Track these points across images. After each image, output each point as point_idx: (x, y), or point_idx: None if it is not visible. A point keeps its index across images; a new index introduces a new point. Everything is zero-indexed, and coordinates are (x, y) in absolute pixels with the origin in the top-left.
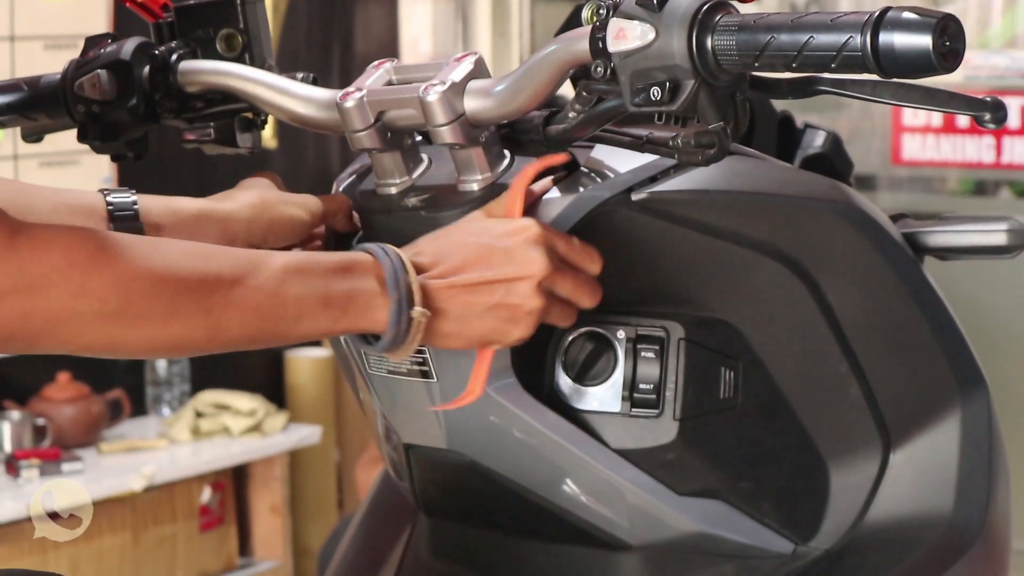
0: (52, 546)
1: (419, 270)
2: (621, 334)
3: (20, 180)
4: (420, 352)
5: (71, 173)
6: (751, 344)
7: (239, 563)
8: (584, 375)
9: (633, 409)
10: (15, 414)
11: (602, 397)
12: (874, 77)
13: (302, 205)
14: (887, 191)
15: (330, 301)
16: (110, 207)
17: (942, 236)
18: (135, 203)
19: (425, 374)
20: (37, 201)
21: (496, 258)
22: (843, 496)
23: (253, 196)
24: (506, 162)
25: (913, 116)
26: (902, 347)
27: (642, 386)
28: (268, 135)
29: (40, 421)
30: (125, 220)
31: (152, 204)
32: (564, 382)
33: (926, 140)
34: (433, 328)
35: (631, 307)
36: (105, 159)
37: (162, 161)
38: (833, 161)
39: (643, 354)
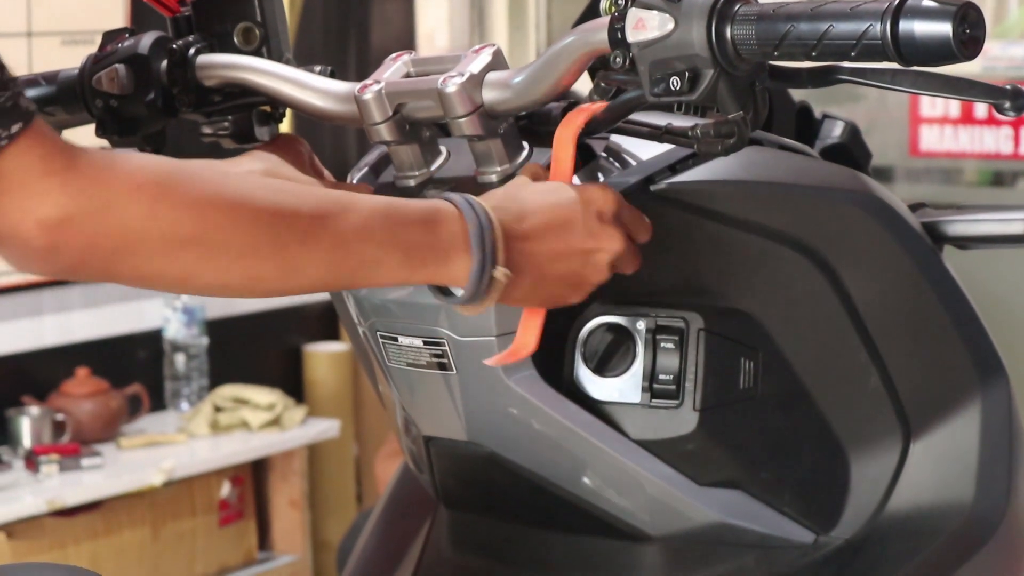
0: (72, 541)
1: (502, 227)
2: (640, 325)
3: None
4: (439, 344)
5: None
6: (770, 334)
7: (259, 557)
8: (604, 366)
9: (653, 400)
10: (34, 409)
11: (622, 388)
12: (894, 65)
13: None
14: (905, 183)
15: (411, 251)
16: None
17: (961, 225)
18: None
19: (444, 366)
20: None
21: (577, 227)
22: (863, 485)
23: (263, 165)
24: (524, 154)
25: (931, 107)
26: (921, 336)
27: (662, 377)
28: (285, 128)
29: (59, 416)
30: None
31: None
32: (584, 373)
33: (944, 131)
34: (508, 289)
35: (650, 298)
36: None
37: (181, 156)
38: (852, 151)
39: (663, 345)
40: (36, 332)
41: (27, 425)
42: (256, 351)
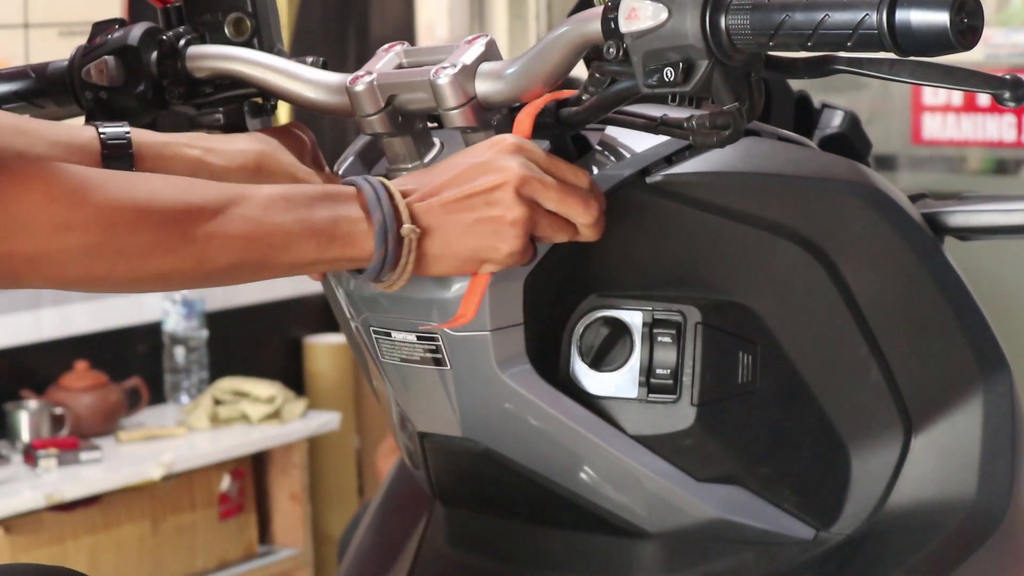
0: (70, 535)
1: (402, 196)
2: (637, 319)
3: (22, 116)
4: (433, 340)
5: None
6: (769, 327)
7: (259, 551)
8: (600, 360)
9: (650, 395)
10: (33, 403)
11: (618, 383)
12: (891, 56)
13: (304, 182)
14: (908, 171)
15: (315, 229)
16: (104, 147)
17: (962, 216)
18: (127, 135)
19: (438, 361)
20: (35, 140)
21: (473, 172)
22: (864, 481)
23: (251, 157)
24: None
25: (933, 95)
26: (922, 329)
27: (659, 371)
28: (284, 119)
29: (58, 410)
30: (118, 156)
31: (145, 135)
32: (580, 368)
33: (946, 119)
34: (422, 251)
35: (647, 291)
36: None
37: None
38: (851, 141)
39: (660, 339)
40: (35, 325)
41: (25, 419)
42: (256, 343)
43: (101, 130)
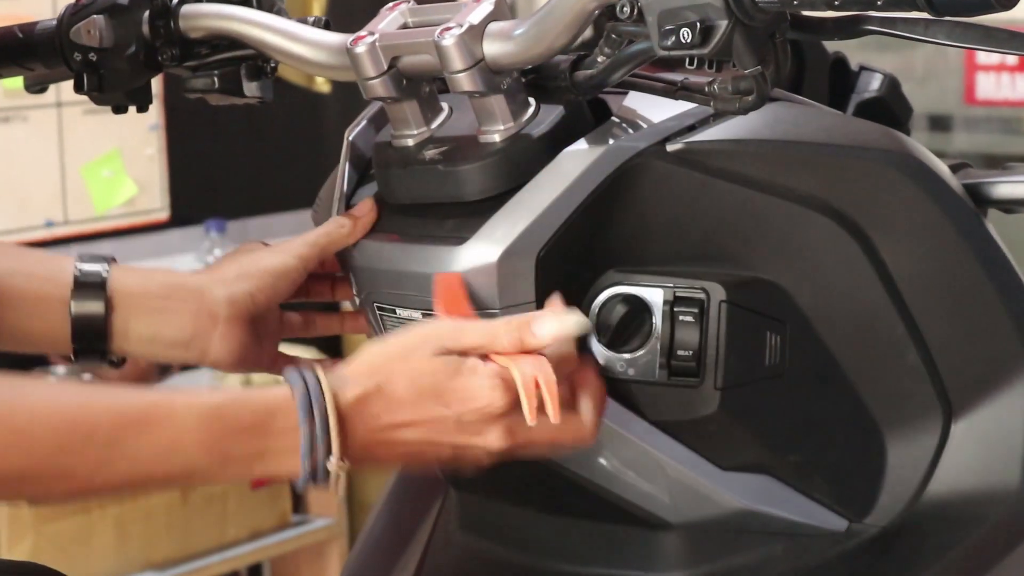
0: (96, 506)
1: (349, 425)
2: (657, 296)
3: (6, 243)
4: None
5: (117, 120)
6: (799, 306)
7: (293, 520)
8: (618, 341)
9: (671, 377)
10: (60, 369)
11: (637, 365)
12: (927, 15)
13: (285, 253)
14: (961, 132)
15: (229, 461)
16: (77, 275)
17: (1007, 187)
18: (105, 272)
19: None
20: (17, 266)
21: (449, 425)
22: (901, 469)
23: (232, 265)
24: (531, 111)
25: (987, 54)
26: (963, 308)
27: (680, 352)
28: (322, 80)
29: (87, 376)
30: (89, 290)
31: (123, 275)
32: (596, 348)
33: (1001, 79)
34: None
35: (668, 267)
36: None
37: (213, 108)
38: (891, 105)
39: (681, 318)
40: None
41: None
42: (294, 308)
43: (78, 267)
